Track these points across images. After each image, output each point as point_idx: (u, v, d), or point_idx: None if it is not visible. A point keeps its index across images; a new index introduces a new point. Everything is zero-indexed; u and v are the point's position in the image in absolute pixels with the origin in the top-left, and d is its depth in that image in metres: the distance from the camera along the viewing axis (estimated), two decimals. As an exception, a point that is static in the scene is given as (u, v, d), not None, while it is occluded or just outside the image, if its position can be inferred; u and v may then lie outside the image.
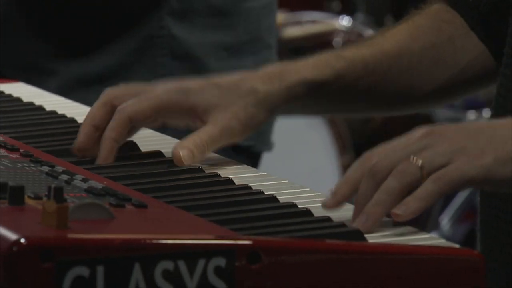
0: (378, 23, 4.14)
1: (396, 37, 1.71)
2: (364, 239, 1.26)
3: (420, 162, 1.29)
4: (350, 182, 1.33)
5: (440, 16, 1.73)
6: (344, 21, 4.00)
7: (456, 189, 1.31)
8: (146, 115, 1.55)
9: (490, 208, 1.58)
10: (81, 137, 1.52)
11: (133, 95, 1.55)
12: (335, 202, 1.33)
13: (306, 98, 1.63)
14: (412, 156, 1.29)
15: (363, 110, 1.84)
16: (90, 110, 1.56)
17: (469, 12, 1.71)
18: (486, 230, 1.60)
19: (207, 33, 2.17)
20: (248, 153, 2.18)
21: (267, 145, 2.27)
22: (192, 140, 1.53)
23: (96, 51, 2.16)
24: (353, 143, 3.78)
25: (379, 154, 1.34)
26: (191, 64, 2.10)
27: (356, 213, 1.31)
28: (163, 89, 1.57)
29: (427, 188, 1.28)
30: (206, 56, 2.14)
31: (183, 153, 1.50)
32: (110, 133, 1.51)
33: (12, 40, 2.19)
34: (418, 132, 1.33)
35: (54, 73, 2.17)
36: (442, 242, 1.28)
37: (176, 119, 1.59)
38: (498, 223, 1.55)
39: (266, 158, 2.30)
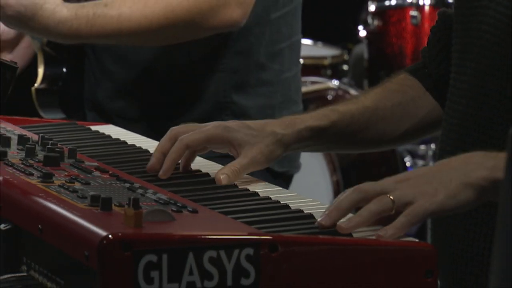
0: (357, 84, 4.12)
1: (374, 97, 1.70)
2: (350, 234, 1.24)
3: (392, 197, 1.27)
4: (342, 207, 1.30)
5: (405, 82, 1.72)
6: (335, 83, 3.97)
7: (421, 221, 1.30)
8: (198, 143, 1.53)
9: None
10: (153, 161, 1.51)
11: (190, 131, 1.54)
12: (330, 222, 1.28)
13: (310, 140, 1.62)
14: (387, 194, 1.27)
15: (349, 148, 1.83)
16: (160, 142, 1.54)
17: (425, 79, 1.70)
18: (437, 224, 1.59)
19: (256, 99, 2.15)
20: (284, 176, 2.15)
21: (297, 167, 2.23)
22: (229, 167, 1.51)
23: (186, 111, 2.15)
24: (340, 166, 3.76)
25: (364, 185, 1.31)
26: (245, 120, 2.11)
27: (333, 215, 1.27)
28: (212, 126, 1.56)
29: (401, 220, 1.26)
30: (255, 114, 2.12)
31: (222, 177, 1.49)
32: (171, 155, 1.50)
33: (125, 102, 2.20)
34: (393, 178, 1.31)
35: (147, 127, 2.15)
36: (405, 236, 1.26)
37: (219, 148, 1.58)
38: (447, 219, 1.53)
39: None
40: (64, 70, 2.18)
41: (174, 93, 2.16)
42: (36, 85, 2.19)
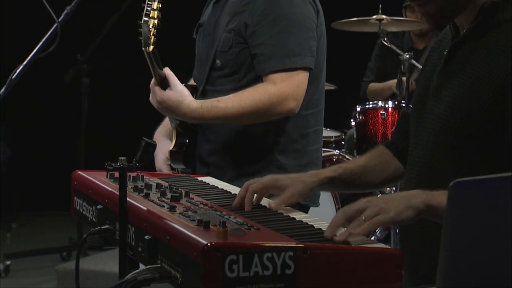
0: (350, 152, 4.06)
1: (364, 159, 1.67)
2: (349, 243, 1.20)
3: (363, 217, 1.23)
4: (335, 224, 1.26)
5: (382, 151, 1.69)
6: (336, 152, 3.92)
7: (378, 227, 1.30)
8: (261, 189, 1.50)
9: None
10: (235, 202, 1.48)
11: (257, 185, 1.51)
12: (331, 233, 1.24)
13: (327, 185, 1.59)
14: (361, 214, 1.24)
15: (349, 190, 1.78)
16: (240, 190, 1.51)
17: (394, 150, 1.68)
18: (403, 235, 1.54)
19: (291, 160, 2.11)
20: (305, 207, 2.11)
21: (316, 203, 2.18)
22: (277, 199, 1.49)
23: (249, 164, 2.11)
24: (340, 199, 3.69)
25: (347, 207, 1.27)
26: (285, 173, 2.06)
27: (331, 228, 1.23)
28: (267, 178, 1.53)
29: (365, 226, 1.23)
30: (290, 169, 2.09)
31: (273, 206, 1.46)
32: (247, 198, 1.47)
33: (216, 158, 2.16)
34: (363, 200, 1.27)
35: (228, 171, 2.11)
36: (380, 244, 1.21)
37: (272, 191, 1.54)
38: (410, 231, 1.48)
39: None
40: (187, 141, 2.18)
41: (243, 153, 2.12)
42: (170, 148, 2.18)
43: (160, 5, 1.91)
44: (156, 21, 1.91)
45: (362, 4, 4.33)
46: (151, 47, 1.93)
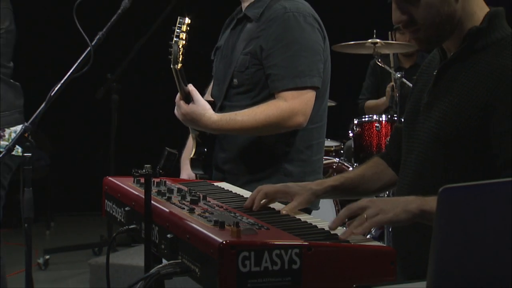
0: (348, 160, 4.04)
1: (362, 170, 1.65)
2: (348, 242, 1.18)
3: (365, 215, 1.22)
4: (340, 218, 1.25)
5: (378, 161, 1.67)
6: (336, 160, 3.90)
7: (377, 226, 1.26)
8: (272, 194, 1.48)
9: None
10: (247, 203, 1.46)
11: (269, 187, 1.49)
12: (335, 226, 1.24)
13: (330, 192, 1.57)
14: (363, 213, 1.23)
15: (349, 197, 1.75)
16: (252, 193, 1.50)
17: (388, 160, 1.66)
18: (396, 234, 1.52)
19: (297, 168, 2.10)
20: (307, 210, 2.07)
21: (316, 207, 2.15)
22: (287, 206, 1.47)
23: (259, 171, 2.09)
24: (340, 201, 3.67)
25: (351, 205, 1.27)
26: (291, 179, 2.01)
27: (336, 223, 1.23)
28: (279, 185, 1.51)
29: (366, 225, 1.22)
30: (296, 176, 2.07)
31: (284, 211, 1.44)
32: (257, 200, 1.46)
33: (229, 165, 2.15)
34: (364, 200, 1.26)
35: (241, 177, 2.10)
36: (376, 242, 1.20)
37: (282, 198, 1.52)
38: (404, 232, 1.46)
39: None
40: (205, 149, 2.17)
41: (255, 161, 2.10)
42: (191, 156, 2.17)
43: (189, 28, 1.92)
44: (184, 42, 1.92)
45: (359, 29, 4.32)
46: (180, 65, 1.93)
